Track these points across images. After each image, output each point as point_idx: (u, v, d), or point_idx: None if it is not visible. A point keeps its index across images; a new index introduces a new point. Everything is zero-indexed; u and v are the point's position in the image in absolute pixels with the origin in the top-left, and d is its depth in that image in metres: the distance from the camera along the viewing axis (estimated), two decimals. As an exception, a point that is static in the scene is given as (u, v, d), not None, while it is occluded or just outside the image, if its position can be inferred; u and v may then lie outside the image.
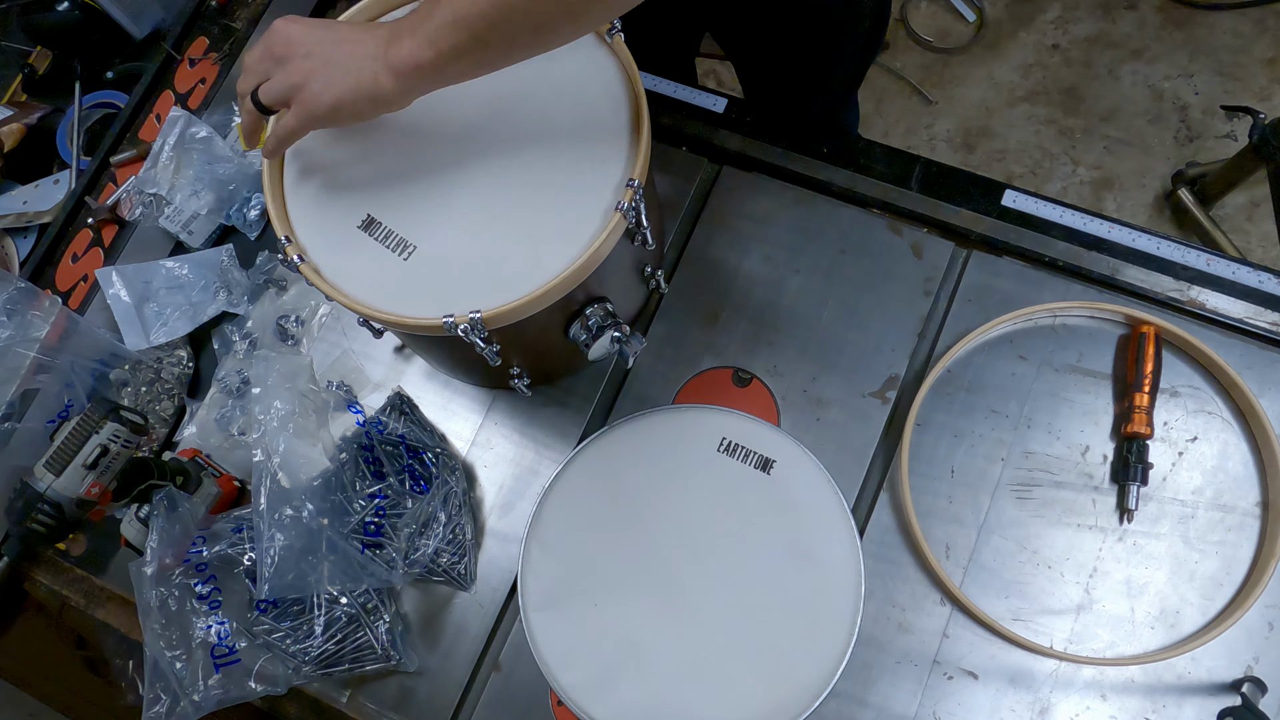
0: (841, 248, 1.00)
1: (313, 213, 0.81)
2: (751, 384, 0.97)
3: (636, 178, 0.75)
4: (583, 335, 0.84)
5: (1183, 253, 0.94)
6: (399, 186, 0.81)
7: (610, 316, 0.84)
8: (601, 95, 0.80)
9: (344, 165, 0.82)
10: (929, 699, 0.86)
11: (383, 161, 0.82)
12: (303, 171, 0.82)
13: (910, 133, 2.13)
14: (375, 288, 0.78)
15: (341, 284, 0.78)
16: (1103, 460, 0.89)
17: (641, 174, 0.76)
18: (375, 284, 0.78)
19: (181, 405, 1.08)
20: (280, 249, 0.79)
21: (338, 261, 0.79)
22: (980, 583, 0.87)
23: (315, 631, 0.89)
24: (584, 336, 0.84)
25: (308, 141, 0.78)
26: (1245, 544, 0.86)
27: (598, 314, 0.84)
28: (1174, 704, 0.83)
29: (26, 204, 1.27)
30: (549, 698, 0.90)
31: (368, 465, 0.94)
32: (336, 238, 0.80)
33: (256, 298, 1.09)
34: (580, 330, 0.84)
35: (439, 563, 0.93)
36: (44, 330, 1.00)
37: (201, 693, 0.88)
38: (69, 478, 0.83)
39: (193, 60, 1.23)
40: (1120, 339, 0.92)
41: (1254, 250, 1.92)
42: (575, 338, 0.85)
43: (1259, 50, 2.04)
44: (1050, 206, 0.97)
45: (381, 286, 0.78)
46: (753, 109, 1.06)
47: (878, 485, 0.92)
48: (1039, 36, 2.13)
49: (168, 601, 0.90)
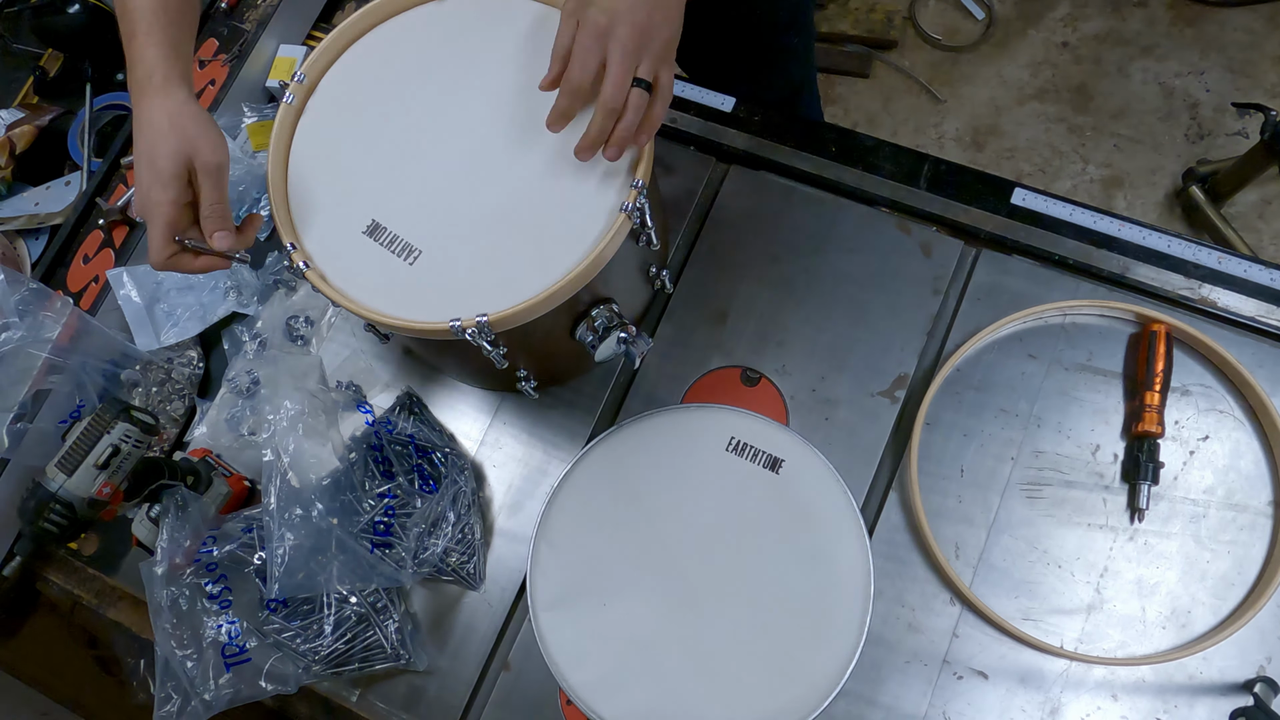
0: (850, 247, 0.99)
1: (318, 219, 0.82)
2: (760, 383, 0.96)
3: (641, 178, 0.75)
4: (589, 337, 0.84)
5: (1194, 251, 0.94)
6: (403, 191, 0.81)
7: (616, 317, 0.84)
8: None
9: (348, 169, 0.83)
10: (939, 699, 0.85)
11: (386, 164, 0.82)
12: (306, 177, 0.83)
13: (919, 131, 2.12)
14: (381, 293, 0.78)
15: (348, 290, 0.79)
16: (1113, 459, 0.89)
17: (646, 174, 0.76)
18: (381, 289, 0.78)
19: (192, 405, 1.09)
20: (286, 255, 0.79)
21: (343, 267, 0.80)
22: (990, 582, 0.87)
23: (325, 631, 0.89)
24: (590, 338, 0.84)
25: (307, 148, 0.79)
26: (1257, 543, 0.85)
27: (603, 315, 0.84)
28: (1185, 704, 0.82)
29: (38, 206, 1.28)
30: (558, 697, 0.90)
31: (377, 465, 0.95)
32: (342, 243, 0.80)
33: (266, 298, 1.09)
34: (586, 332, 0.84)
35: (448, 562, 0.93)
36: (55, 331, 1.00)
37: (212, 692, 0.88)
38: (81, 478, 0.84)
39: (202, 61, 1.23)
40: (1131, 337, 0.92)
41: (1266, 248, 1.90)
42: (582, 339, 0.85)
43: (1270, 47, 2.02)
44: (1060, 205, 0.97)
45: (388, 292, 0.78)
46: (760, 108, 1.06)
47: (887, 484, 0.92)
48: (1048, 34, 2.12)
49: (179, 601, 0.90)
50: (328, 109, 0.86)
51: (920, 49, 2.18)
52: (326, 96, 0.86)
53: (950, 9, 2.19)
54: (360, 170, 0.82)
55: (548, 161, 0.78)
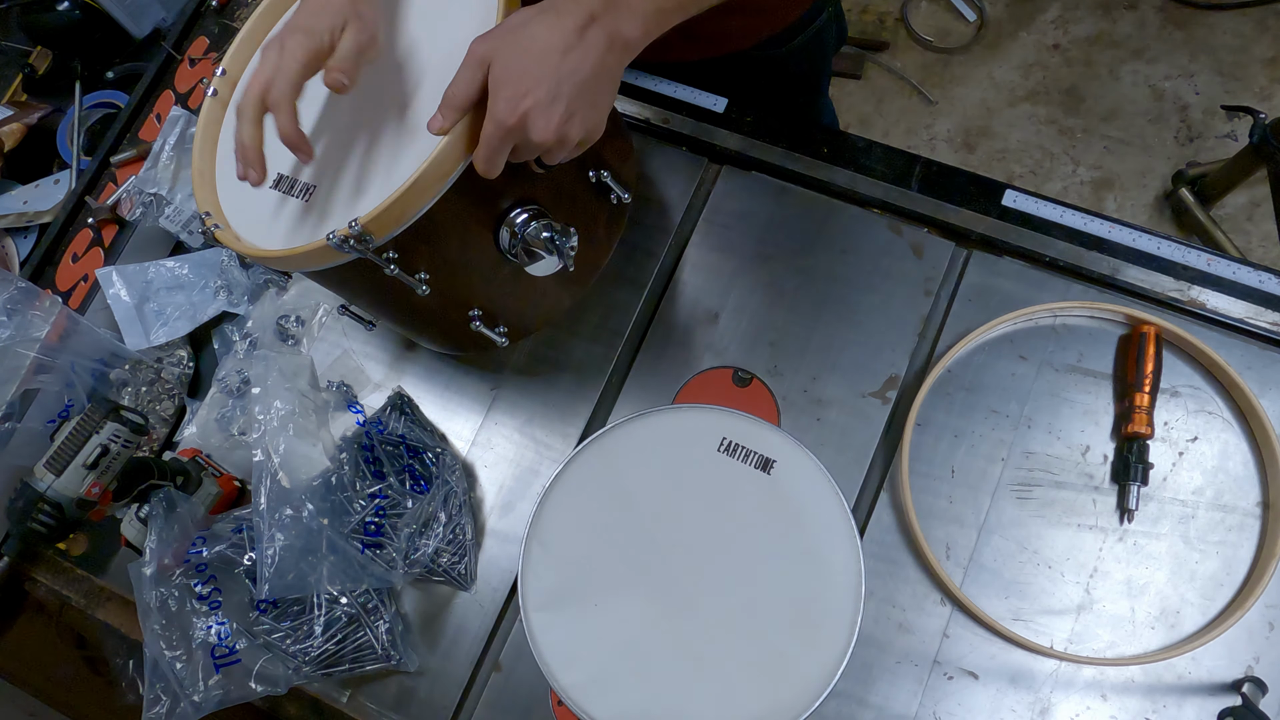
0: (842, 248, 1.00)
1: (240, 194, 0.83)
2: (752, 384, 0.97)
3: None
4: (513, 244, 0.78)
5: (1183, 253, 0.94)
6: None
7: (540, 215, 0.77)
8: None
9: (270, 155, 0.81)
10: (929, 699, 0.85)
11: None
12: (231, 155, 0.83)
13: (910, 133, 2.13)
14: (285, 236, 0.78)
15: (252, 239, 0.79)
16: (1103, 460, 0.89)
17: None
18: (286, 233, 0.78)
19: (181, 405, 1.08)
20: (201, 221, 0.79)
21: (248, 220, 0.81)
22: (980, 583, 0.87)
23: (315, 631, 0.89)
24: (513, 245, 0.77)
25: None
26: (1246, 544, 0.85)
27: (525, 214, 0.77)
28: (1174, 704, 0.83)
29: (27, 204, 1.27)
30: (549, 698, 0.90)
31: (368, 465, 0.94)
32: (251, 202, 0.81)
33: (256, 297, 1.09)
34: (509, 239, 0.77)
35: (439, 563, 0.93)
36: (44, 330, 1.00)
37: (201, 693, 0.88)
38: (69, 478, 0.83)
39: (193, 60, 1.23)
40: (1121, 339, 0.92)
41: (1254, 250, 1.92)
42: (505, 248, 0.78)
43: (1259, 50, 2.04)
44: (1051, 206, 0.97)
45: (290, 233, 0.78)
46: (753, 109, 1.07)
47: (878, 485, 0.92)
48: (1039, 36, 2.13)
49: (168, 602, 0.90)
50: None
51: (912, 50, 2.18)
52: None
53: (942, 11, 2.19)
54: (278, 149, 0.78)
55: (435, 95, 0.72)
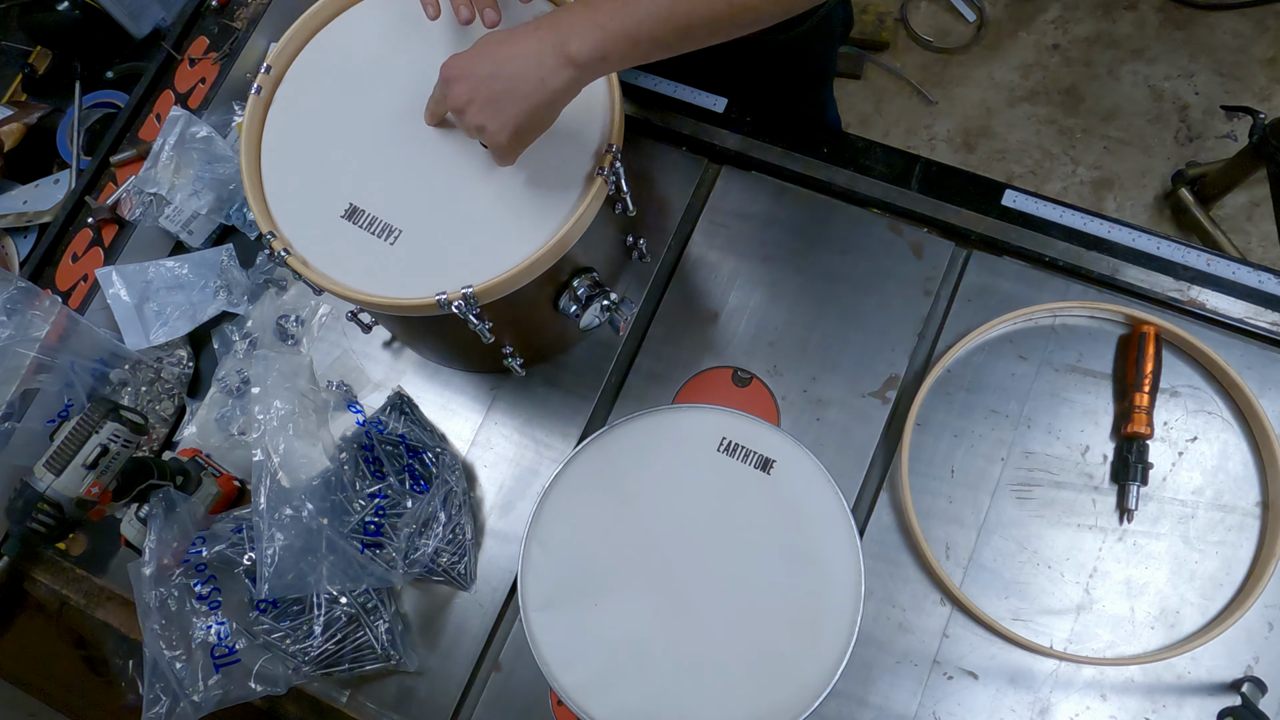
0: (842, 248, 1.00)
1: (296, 207, 0.82)
2: (751, 384, 0.97)
3: (615, 143, 0.75)
4: (572, 306, 0.86)
5: (1183, 253, 0.94)
6: (378, 173, 0.81)
7: (598, 286, 0.86)
8: None
9: (321, 156, 0.83)
10: (929, 699, 0.85)
11: (358, 147, 0.82)
12: (280, 167, 0.83)
13: (910, 133, 2.12)
14: (365, 275, 0.78)
15: (331, 273, 0.79)
16: (1103, 460, 0.89)
17: (619, 139, 0.76)
18: (364, 271, 0.78)
19: (181, 405, 1.08)
20: (266, 244, 0.79)
21: (324, 252, 0.80)
22: (980, 583, 0.87)
23: (315, 631, 0.89)
24: (574, 307, 0.86)
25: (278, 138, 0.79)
26: (1245, 544, 0.86)
27: (585, 283, 0.85)
28: (1174, 704, 0.83)
29: (26, 204, 1.27)
30: (549, 697, 0.90)
31: (368, 465, 0.94)
32: (321, 229, 0.80)
33: (256, 297, 1.09)
34: (570, 301, 0.86)
35: (439, 562, 0.93)
36: (44, 330, 1.00)
37: (201, 693, 0.88)
38: (69, 477, 0.83)
39: (193, 60, 1.22)
40: (1120, 339, 0.92)
41: (1254, 250, 1.92)
42: (565, 309, 0.86)
43: (1259, 50, 2.04)
44: (1050, 206, 0.97)
45: (371, 273, 0.78)
46: (753, 109, 1.07)
47: (878, 485, 0.92)
48: (1039, 36, 2.13)
49: (167, 602, 0.90)
50: (296, 98, 0.86)
51: (912, 50, 2.18)
52: (294, 85, 0.86)
53: (942, 11, 2.19)
54: (333, 155, 0.82)
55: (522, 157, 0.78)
